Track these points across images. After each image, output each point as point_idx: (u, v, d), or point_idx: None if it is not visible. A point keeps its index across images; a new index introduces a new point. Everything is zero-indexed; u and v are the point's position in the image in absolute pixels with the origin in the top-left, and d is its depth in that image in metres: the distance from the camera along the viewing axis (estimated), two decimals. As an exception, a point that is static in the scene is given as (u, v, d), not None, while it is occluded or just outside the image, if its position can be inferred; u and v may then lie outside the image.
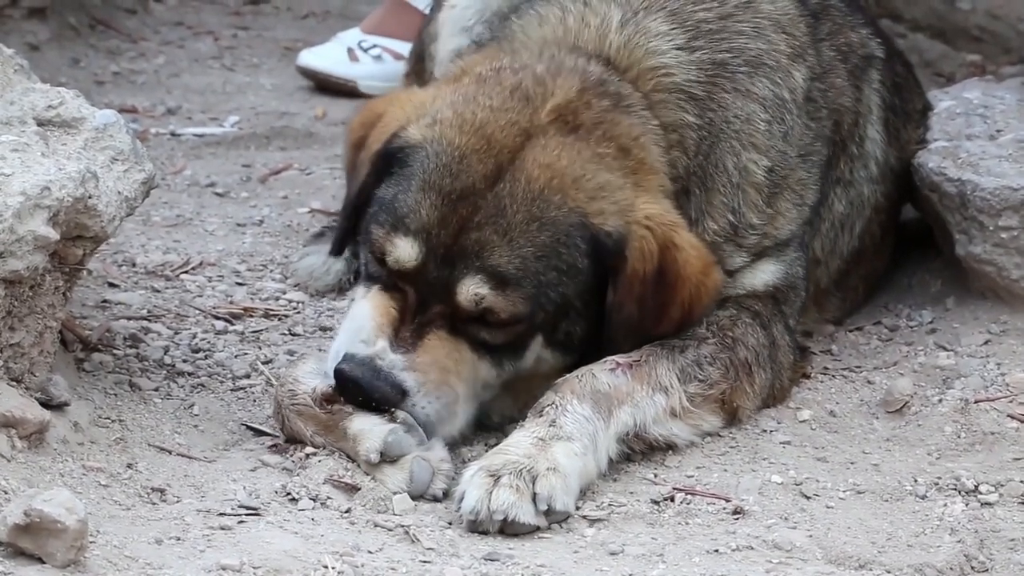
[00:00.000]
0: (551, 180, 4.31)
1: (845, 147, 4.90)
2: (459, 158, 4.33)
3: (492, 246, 4.26)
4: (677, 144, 4.54)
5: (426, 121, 4.42)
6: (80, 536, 3.72)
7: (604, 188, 4.35)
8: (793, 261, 4.77)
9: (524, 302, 4.28)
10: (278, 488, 4.20)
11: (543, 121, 4.38)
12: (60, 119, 4.33)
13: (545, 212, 4.30)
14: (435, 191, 4.32)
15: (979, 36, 7.19)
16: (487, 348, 4.32)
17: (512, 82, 4.44)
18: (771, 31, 4.72)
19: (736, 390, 4.53)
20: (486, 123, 4.36)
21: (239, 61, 7.45)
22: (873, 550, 4.07)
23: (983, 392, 4.63)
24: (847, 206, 4.96)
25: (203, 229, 5.79)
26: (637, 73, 4.55)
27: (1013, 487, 4.29)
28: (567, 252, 4.31)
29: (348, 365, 4.26)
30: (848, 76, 4.90)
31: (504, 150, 4.33)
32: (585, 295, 4.35)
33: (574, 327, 4.38)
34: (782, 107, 4.69)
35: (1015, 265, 4.90)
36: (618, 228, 4.32)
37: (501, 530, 4.07)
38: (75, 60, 7.28)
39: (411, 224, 4.31)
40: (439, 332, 4.30)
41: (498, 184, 4.30)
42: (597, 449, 4.26)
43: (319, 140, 6.61)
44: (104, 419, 4.45)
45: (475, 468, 4.14)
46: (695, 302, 4.43)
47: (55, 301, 4.27)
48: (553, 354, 4.41)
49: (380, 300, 4.35)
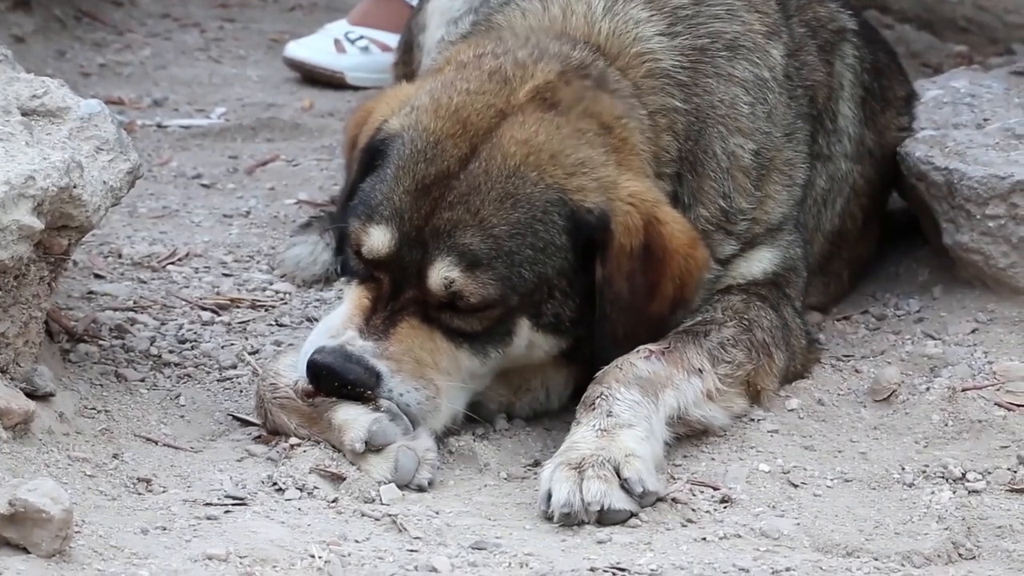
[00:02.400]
0: (527, 156, 4.28)
1: (821, 121, 4.89)
2: (434, 143, 4.31)
3: (464, 225, 4.23)
4: (667, 129, 4.53)
5: (405, 111, 4.40)
6: (65, 526, 3.71)
7: (585, 164, 4.32)
8: (789, 244, 4.76)
9: (495, 284, 4.25)
10: (264, 478, 4.20)
11: (520, 101, 4.35)
12: (45, 109, 4.32)
13: (520, 189, 4.26)
14: (409, 177, 4.29)
15: (966, 27, 7.20)
16: (466, 337, 4.30)
17: (492, 66, 4.42)
18: (743, 11, 4.71)
19: (759, 371, 4.54)
20: (461, 107, 4.33)
21: (226, 53, 7.44)
22: (861, 538, 4.07)
23: (970, 380, 4.63)
24: (827, 181, 4.95)
25: (190, 220, 5.78)
26: (627, 60, 4.54)
27: (1000, 475, 4.29)
28: (544, 229, 4.28)
29: (319, 355, 4.24)
30: (818, 51, 4.88)
31: (479, 132, 4.31)
32: (567, 274, 4.32)
33: (562, 308, 4.36)
34: (763, 87, 4.68)
35: (1002, 254, 4.90)
36: (600, 205, 4.29)
37: (598, 520, 4.06)
38: (61, 52, 7.27)
39: (384, 211, 4.29)
40: (411, 320, 4.27)
41: (472, 163, 4.28)
42: (655, 432, 4.26)
43: (306, 131, 6.60)
44: (90, 410, 4.45)
45: (553, 466, 4.12)
46: (686, 277, 4.40)
47: (40, 291, 4.26)
48: (545, 338, 4.38)
49: (354, 294, 4.34)
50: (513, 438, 4.51)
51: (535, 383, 4.51)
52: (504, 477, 4.34)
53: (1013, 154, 4.95)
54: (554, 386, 4.52)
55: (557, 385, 4.52)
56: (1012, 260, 4.89)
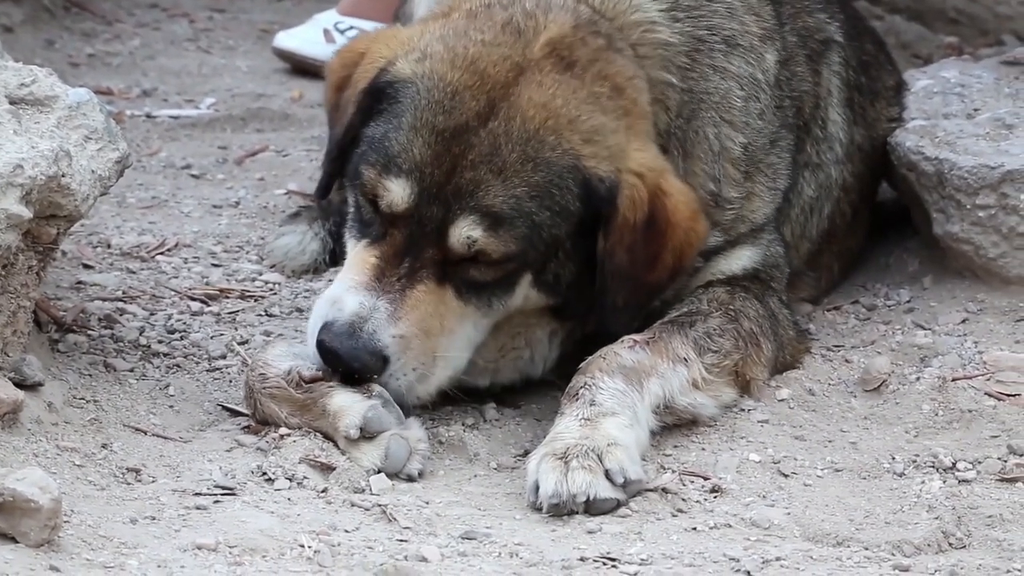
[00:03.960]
0: (546, 120, 4.29)
1: (809, 131, 4.90)
2: (451, 94, 4.30)
3: (487, 185, 4.24)
4: (659, 101, 4.53)
5: (415, 56, 4.37)
6: (54, 515, 3.71)
7: (599, 131, 4.33)
8: (770, 243, 4.78)
9: (516, 241, 4.27)
10: (254, 468, 4.19)
11: (537, 56, 4.35)
12: (33, 97, 4.31)
13: (540, 152, 4.27)
14: (427, 128, 4.28)
15: (956, 18, 7.20)
16: (475, 288, 4.30)
17: (503, 17, 4.40)
18: (743, 12, 4.73)
19: (747, 360, 4.54)
20: (478, 58, 4.32)
21: (215, 43, 7.42)
22: (851, 527, 4.07)
23: (960, 370, 4.63)
24: (816, 189, 4.96)
25: (179, 211, 5.77)
26: (623, 23, 4.53)
27: (990, 464, 4.29)
28: (560, 194, 4.29)
29: (327, 336, 4.24)
30: (807, 61, 4.90)
31: (497, 86, 4.30)
32: (574, 237, 4.34)
33: (563, 269, 4.37)
34: (757, 87, 4.69)
35: (992, 244, 4.90)
36: (610, 175, 4.31)
37: (586, 510, 4.07)
38: (50, 42, 7.25)
39: (403, 164, 4.27)
40: (428, 283, 4.26)
41: (492, 121, 4.28)
42: (639, 420, 4.27)
43: (295, 122, 6.58)
44: (79, 399, 4.43)
45: (539, 456, 4.13)
46: (686, 248, 4.42)
47: (28, 281, 4.25)
48: (539, 294, 4.39)
49: (360, 256, 4.31)
50: (503, 428, 4.50)
51: (519, 342, 4.50)
52: (494, 467, 4.34)
53: (1003, 144, 4.94)
54: (539, 347, 4.52)
55: (542, 345, 4.52)
56: (1002, 250, 4.89)
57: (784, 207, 4.83)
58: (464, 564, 3.88)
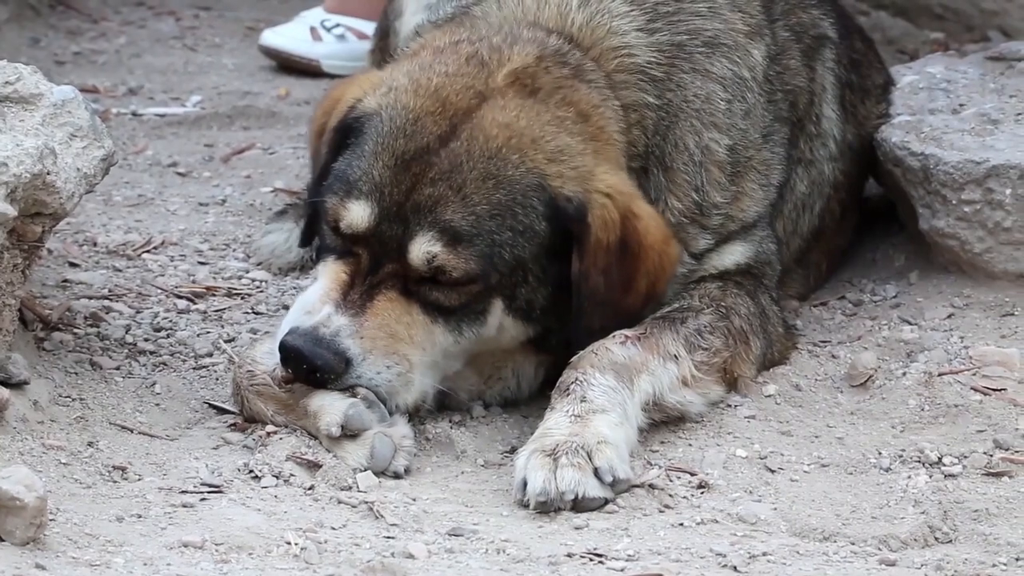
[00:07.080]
0: (509, 139, 4.29)
1: (803, 127, 4.91)
2: (413, 120, 4.32)
3: (446, 201, 4.24)
4: (637, 124, 4.54)
5: (382, 91, 4.41)
6: (39, 513, 3.70)
7: (563, 152, 4.33)
8: (762, 240, 4.78)
9: (477, 260, 4.25)
10: (240, 466, 4.19)
11: (500, 84, 4.36)
12: (18, 95, 4.30)
13: (502, 170, 4.28)
14: (388, 152, 4.30)
15: (941, 14, 7.21)
16: (442, 311, 4.30)
17: (468, 51, 4.43)
18: (726, 10, 4.72)
19: (736, 358, 4.54)
20: (440, 87, 4.34)
21: (201, 41, 7.42)
22: (837, 522, 4.07)
23: (947, 365, 4.64)
24: (809, 186, 4.97)
25: (165, 209, 5.76)
26: (600, 52, 4.55)
27: (976, 459, 4.30)
28: (523, 213, 4.29)
29: (291, 336, 4.24)
30: (801, 56, 4.90)
31: (459, 111, 4.32)
32: (543, 260, 4.33)
33: (535, 294, 4.36)
34: (742, 86, 4.69)
35: (978, 239, 4.90)
36: (578, 194, 4.31)
37: (573, 508, 4.06)
38: (35, 40, 7.24)
39: (363, 187, 4.29)
40: (389, 293, 4.27)
41: (453, 142, 4.28)
42: (629, 417, 4.26)
43: (282, 119, 6.58)
44: (64, 398, 4.43)
45: (527, 453, 4.13)
46: (659, 272, 4.43)
47: (14, 279, 4.24)
48: (515, 323, 4.38)
49: (331, 269, 4.33)
50: (490, 425, 4.50)
51: (506, 371, 4.51)
52: (481, 464, 4.34)
53: (988, 139, 4.95)
54: (524, 375, 4.52)
55: (527, 374, 4.52)
56: (988, 245, 4.90)
57: (777, 202, 4.83)
58: (451, 561, 3.88)
